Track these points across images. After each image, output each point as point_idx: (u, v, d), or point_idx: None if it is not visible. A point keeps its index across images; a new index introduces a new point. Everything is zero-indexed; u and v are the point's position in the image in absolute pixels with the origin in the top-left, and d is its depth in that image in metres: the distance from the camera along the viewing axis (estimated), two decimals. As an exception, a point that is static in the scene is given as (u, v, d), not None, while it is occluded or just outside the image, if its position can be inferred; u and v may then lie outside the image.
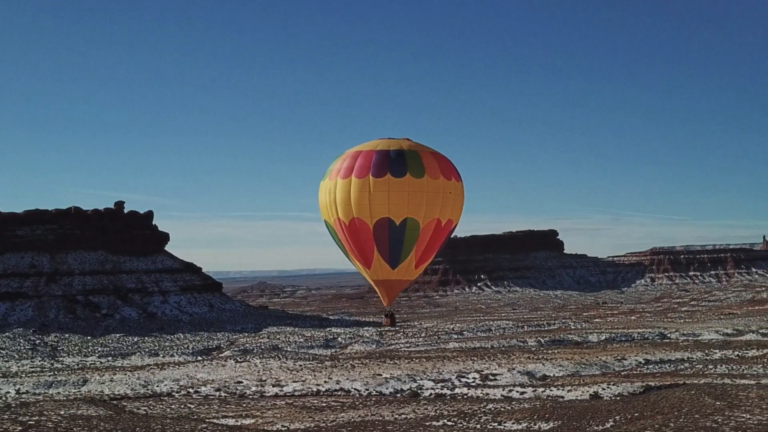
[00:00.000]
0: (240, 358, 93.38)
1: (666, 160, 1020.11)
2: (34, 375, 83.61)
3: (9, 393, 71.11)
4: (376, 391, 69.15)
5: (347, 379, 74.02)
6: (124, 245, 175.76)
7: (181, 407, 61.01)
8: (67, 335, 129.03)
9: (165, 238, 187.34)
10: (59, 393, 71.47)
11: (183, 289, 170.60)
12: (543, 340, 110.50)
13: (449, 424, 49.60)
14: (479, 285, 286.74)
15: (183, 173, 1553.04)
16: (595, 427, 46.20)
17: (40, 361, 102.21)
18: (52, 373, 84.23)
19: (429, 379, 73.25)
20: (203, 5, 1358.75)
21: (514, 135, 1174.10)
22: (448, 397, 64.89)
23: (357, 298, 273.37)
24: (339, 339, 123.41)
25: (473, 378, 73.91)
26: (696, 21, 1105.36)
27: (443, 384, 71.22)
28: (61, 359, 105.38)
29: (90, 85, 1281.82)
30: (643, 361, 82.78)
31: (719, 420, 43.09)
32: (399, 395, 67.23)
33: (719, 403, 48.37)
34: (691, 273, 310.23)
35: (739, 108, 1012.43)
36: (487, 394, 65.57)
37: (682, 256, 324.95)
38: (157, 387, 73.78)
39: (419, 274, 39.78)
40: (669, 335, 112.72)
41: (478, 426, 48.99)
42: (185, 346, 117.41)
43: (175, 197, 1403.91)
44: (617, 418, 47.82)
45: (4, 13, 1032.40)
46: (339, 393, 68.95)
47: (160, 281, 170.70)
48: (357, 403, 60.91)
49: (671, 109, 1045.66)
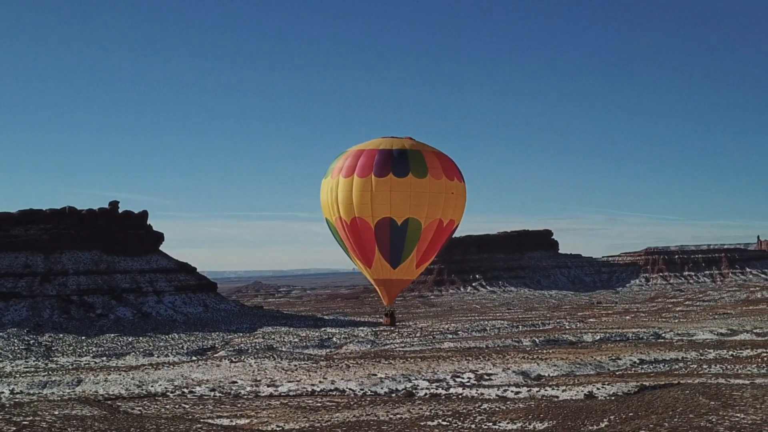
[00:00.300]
0: (235, 358, 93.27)
1: (661, 160, 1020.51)
2: (28, 375, 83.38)
3: (3, 393, 70.88)
4: (371, 391, 69.13)
5: (342, 379, 73.99)
6: (118, 245, 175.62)
7: (176, 407, 60.90)
8: (62, 335, 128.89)
9: (159, 237, 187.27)
10: (53, 393, 71.27)
11: (178, 289, 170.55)
12: (538, 339, 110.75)
13: (444, 423, 49.57)
14: (474, 285, 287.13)
15: (177, 173, 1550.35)
16: (590, 427, 46.24)
17: (34, 361, 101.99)
18: (46, 373, 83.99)
19: (424, 379, 73.25)
20: (200, 4, 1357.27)
21: (509, 135, 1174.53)
22: (443, 397, 64.88)
23: (352, 298, 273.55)
24: (334, 339, 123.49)
25: (468, 378, 73.93)
26: (690, 21, 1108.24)
27: (438, 384, 71.22)
28: (56, 359, 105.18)
29: (85, 85, 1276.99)
30: (638, 361, 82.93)
31: (713, 420, 43.13)
32: (394, 395, 67.21)
33: (713, 403, 48.43)
34: (686, 273, 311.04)
35: (734, 108, 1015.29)
36: (482, 393, 65.60)
37: (676, 256, 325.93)
38: (152, 387, 73.65)
39: (419, 273, 39.74)
40: (663, 335, 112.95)
41: (472, 426, 48.98)
42: (180, 346, 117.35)
43: (170, 197, 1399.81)
44: (612, 417, 47.88)
45: (3, 13, 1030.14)
46: (334, 393, 68.91)
47: (154, 281, 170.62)
48: (352, 403, 60.86)
49: (666, 110, 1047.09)
